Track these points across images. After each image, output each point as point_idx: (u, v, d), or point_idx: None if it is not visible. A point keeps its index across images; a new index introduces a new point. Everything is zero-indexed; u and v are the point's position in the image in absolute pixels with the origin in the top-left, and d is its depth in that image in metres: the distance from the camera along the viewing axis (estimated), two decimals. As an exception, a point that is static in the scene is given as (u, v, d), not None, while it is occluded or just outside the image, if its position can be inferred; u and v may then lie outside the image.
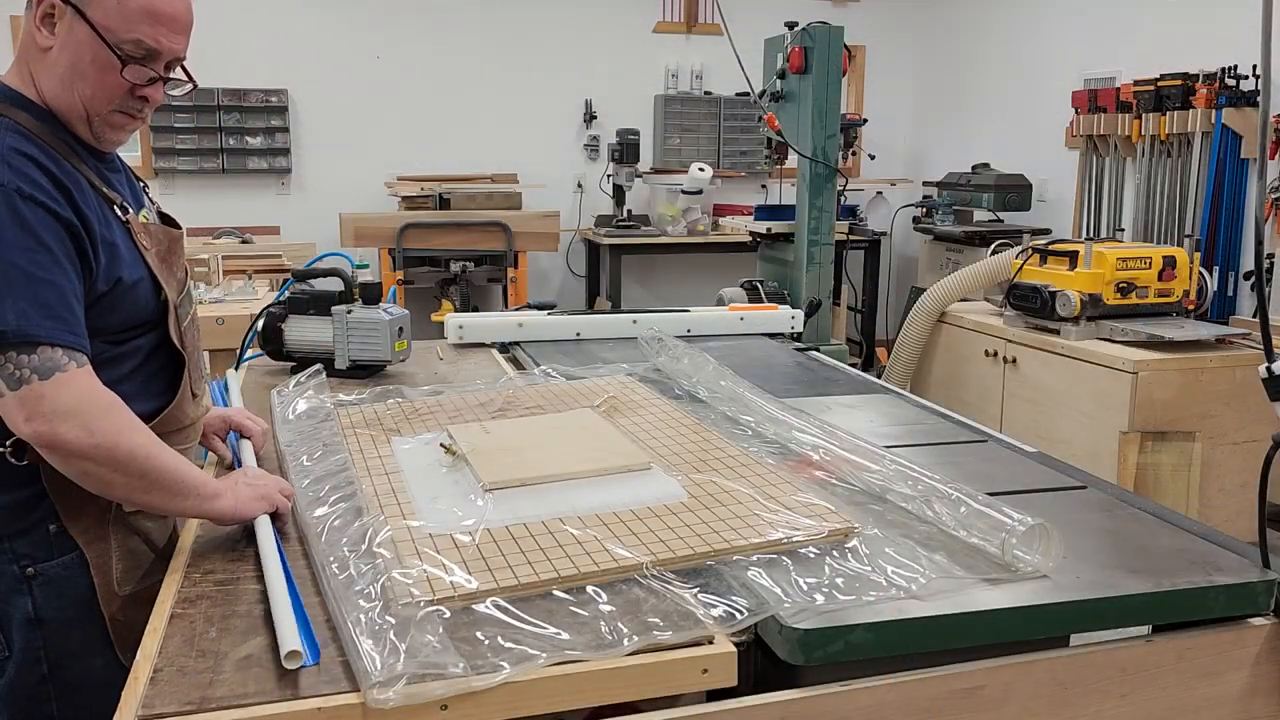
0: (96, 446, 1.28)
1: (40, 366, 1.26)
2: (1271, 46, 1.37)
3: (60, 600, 1.42)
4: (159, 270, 1.47)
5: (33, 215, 1.28)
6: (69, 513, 1.41)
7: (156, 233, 1.50)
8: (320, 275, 2.54)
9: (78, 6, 1.34)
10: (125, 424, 1.32)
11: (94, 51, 1.35)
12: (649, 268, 6.87)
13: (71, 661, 1.43)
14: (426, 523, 1.40)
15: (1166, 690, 1.29)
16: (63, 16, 1.35)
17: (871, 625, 1.18)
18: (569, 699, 1.10)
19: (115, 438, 1.29)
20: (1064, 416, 3.61)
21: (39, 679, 1.43)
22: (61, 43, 1.35)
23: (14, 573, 1.40)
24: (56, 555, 1.41)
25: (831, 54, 3.88)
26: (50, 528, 1.41)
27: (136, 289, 1.43)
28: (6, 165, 1.29)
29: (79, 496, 1.39)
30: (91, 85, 1.37)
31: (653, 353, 2.34)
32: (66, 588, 1.42)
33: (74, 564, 1.42)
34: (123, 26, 1.35)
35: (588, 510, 1.44)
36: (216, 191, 6.13)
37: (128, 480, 1.32)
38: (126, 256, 1.41)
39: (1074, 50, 5.72)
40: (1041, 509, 1.38)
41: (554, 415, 1.92)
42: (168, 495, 1.36)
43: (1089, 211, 5.54)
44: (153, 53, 1.38)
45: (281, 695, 1.05)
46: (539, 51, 6.51)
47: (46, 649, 1.42)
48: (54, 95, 1.38)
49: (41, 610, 1.41)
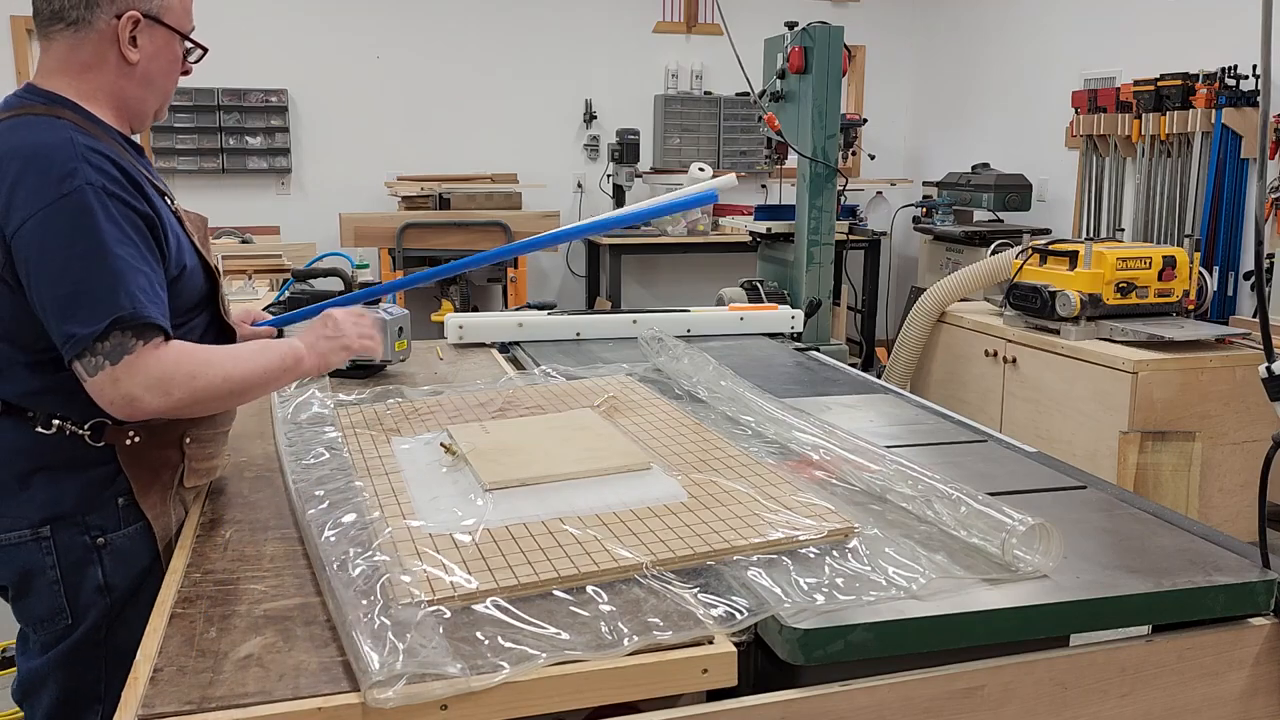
0: (179, 401, 1.40)
1: (124, 345, 1.36)
2: (1271, 46, 1.37)
3: (126, 569, 1.52)
4: (204, 253, 1.59)
5: (118, 210, 1.39)
6: (140, 488, 1.52)
7: (194, 219, 1.63)
8: (320, 275, 2.54)
9: (157, 17, 1.51)
10: (195, 368, 1.42)
11: (173, 49, 1.55)
12: (649, 268, 6.87)
13: (124, 628, 1.51)
14: (426, 523, 1.40)
15: (1166, 690, 1.29)
16: (143, 30, 1.50)
17: (871, 625, 1.18)
18: (569, 699, 1.10)
19: (191, 385, 1.40)
20: (1064, 416, 3.61)
21: (95, 643, 1.53)
22: (147, 53, 1.51)
23: (85, 543, 1.50)
24: (124, 525, 1.52)
25: (831, 54, 3.88)
26: (120, 500, 1.52)
27: (194, 274, 1.55)
28: (87, 164, 1.38)
29: (148, 474, 1.53)
30: (169, 79, 1.57)
31: (653, 353, 2.34)
32: (131, 556, 1.52)
33: (140, 534, 1.53)
34: (186, 21, 1.56)
35: (588, 510, 1.44)
36: (216, 191, 6.13)
37: (222, 403, 1.50)
38: (184, 243, 1.54)
39: (1074, 50, 5.72)
40: (1041, 509, 1.38)
41: (554, 415, 1.92)
42: (260, 389, 1.52)
43: (1089, 211, 5.54)
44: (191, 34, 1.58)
45: (281, 695, 1.05)
46: (539, 51, 6.50)
47: (106, 614, 1.52)
48: (138, 99, 1.54)
49: (111, 578, 1.51)
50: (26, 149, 1.38)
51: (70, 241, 1.35)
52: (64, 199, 1.35)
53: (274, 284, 4.22)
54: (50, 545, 1.48)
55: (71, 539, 1.49)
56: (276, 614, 1.22)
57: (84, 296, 1.34)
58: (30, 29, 5.76)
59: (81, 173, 1.37)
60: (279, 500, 1.61)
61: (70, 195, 1.35)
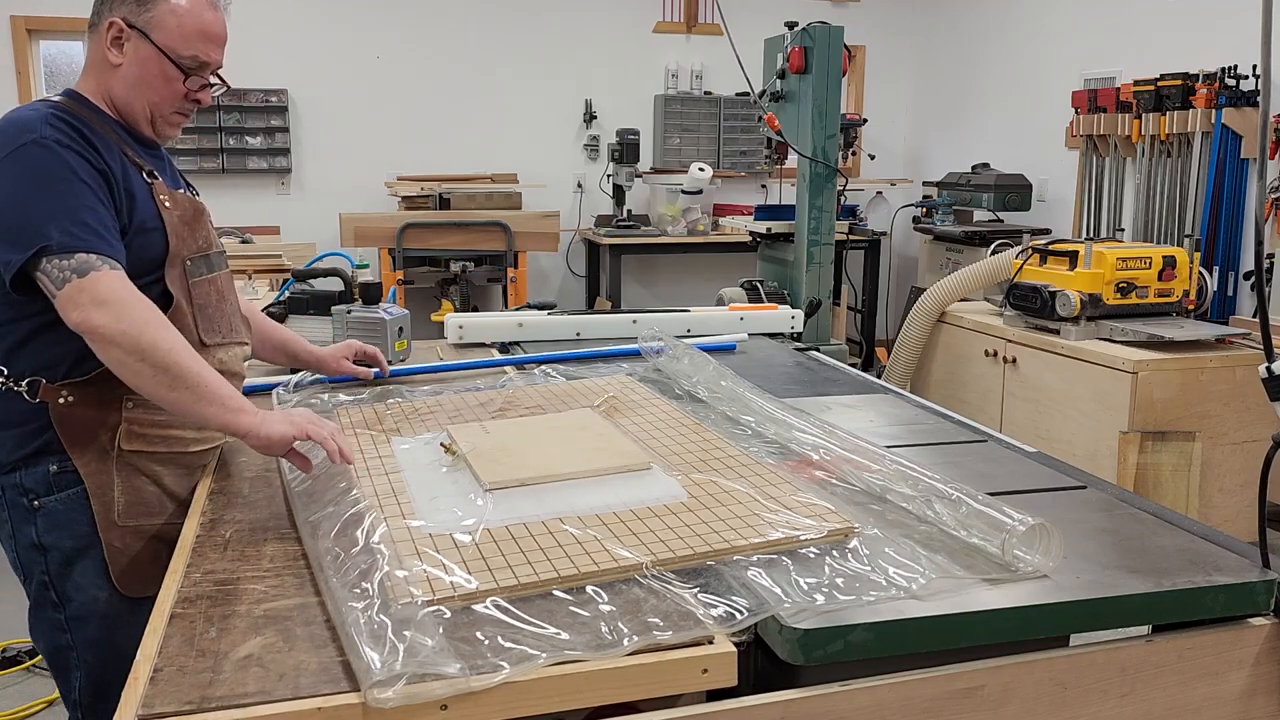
0: (123, 333, 1.46)
1: (78, 268, 1.47)
2: (1271, 46, 1.37)
3: (60, 532, 1.61)
4: (175, 228, 1.66)
5: (71, 159, 1.52)
6: (74, 448, 1.59)
7: (181, 199, 1.70)
8: (320, 275, 2.55)
9: (144, 31, 1.62)
10: (151, 318, 1.50)
11: (160, 67, 1.64)
12: (649, 268, 6.87)
13: (77, 593, 1.63)
14: (426, 522, 1.40)
15: (1166, 690, 1.29)
16: (130, 39, 1.63)
17: (871, 625, 1.18)
18: (569, 699, 1.10)
19: (141, 327, 1.47)
20: (1064, 416, 3.61)
21: (52, 605, 1.63)
22: (130, 60, 1.64)
23: (24, 505, 1.61)
24: (56, 491, 1.60)
25: (831, 54, 3.88)
26: (51, 467, 1.60)
27: (149, 235, 1.62)
28: (47, 124, 1.54)
29: (82, 434, 1.59)
30: (158, 93, 1.66)
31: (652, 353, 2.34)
32: (65, 521, 1.60)
33: (74, 499, 1.61)
34: (182, 46, 1.65)
35: (588, 510, 1.44)
36: (216, 191, 6.12)
37: (154, 373, 1.48)
38: (144, 207, 1.62)
39: (1074, 50, 5.72)
40: (1041, 509, 1.38)
41: (554, 415, 1.92)
42: (192, 396, 1.51)
43: (1089, 211, 5.54)
44: (204, 65, 1.68)
45: (281, 695, 1.05)
46: (539, 51, 6.51)
47: (50, 575, 1.62)
48: (124, 101, 1.66)
49: (44, 538, 1.61)
50: (4, 121, 1.57)
51: (17, 178, 1.50)
52: (19, 149, 1.51)
53: (274, 284, 4.22)
54: (1, 500, 1.62)
55: (14, 498, 1.61)
56: (276, 614, 1.22)
57: (26, 225, 1.47)
58: (31, 29, 5.77)
59: (39, 130, 1.52)
60: (279, 500, 1.61)
61: (25, 145, 1.51)
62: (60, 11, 5.65)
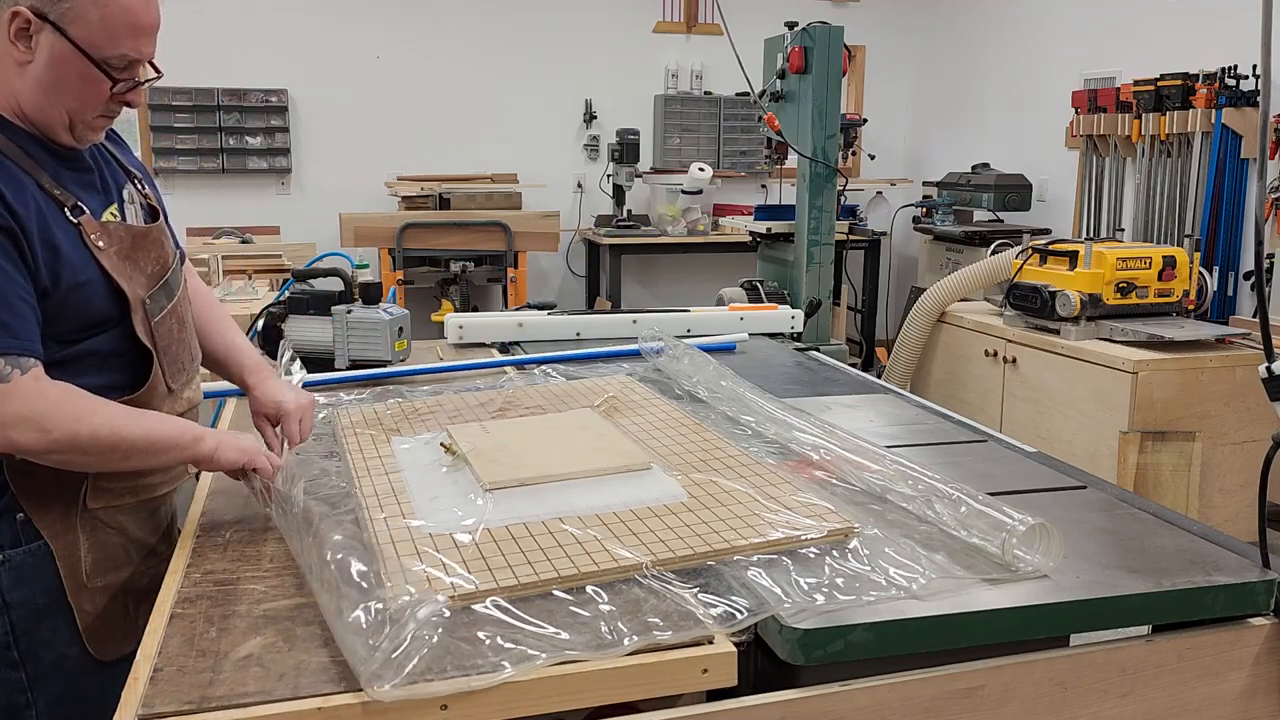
0: (57, 442, 1.30)
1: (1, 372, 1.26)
2: (1271, 46, 1.37)
3: (27, 587, 1.42)
4: (116, 269, 1.43)
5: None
6: (33, 507, 1.41)
7: (116, 230, 1.46)
8: (320, 275, 2.54)
9: (58, 25, 1.32)
10: (80, 411, 1.32)
11: (79, 68, 1.35)
12: (649, 268, 6.87)
13: (44, 650, 1.43)
14: (426, 522, 1.40)
15: (1166, 690, 1.29)
16: (39, 32, 1.33)
17: (871, 625, 1.18)
18: (569, 699, 1.10)
19: (73, 427, 1.31)
20: (1064, 416, 3.61)
21: (10, 664, 1.42)
22: (42, 59, 1.34)
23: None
24: (24, 543, 1.41)
25: (831, 54, 3.88)
26: (19, 515, 1.41)
27: (85, 289, 1.39)
28: None
29: (42, 491, 1.41)
30: (77, 98, 1.37)
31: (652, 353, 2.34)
32: (33, 575, 1.42)
33: (41, 553, 1.42)
34: (108, 43, 1.35)
35: (588, 510, 1.44)
36: (216, 191, 6.13)
37: (102, 458, 1.36)
38: (73, 257, 1.38)
39: (1074, 50, 5.72)
40: (1041, 509, 1.37)
41: (554, 415, 1.92)
42: (147, 457, 1.40)
43: (1089, 211, 5.54)
44: (134, 63, 1.40)
45: (281, 695, 1.05)
46: (539, 51, 6.51)
47: (15, 634, 1.41)
48: (34, 105, 1.37)
49: (10, 594, 1.40)
50: None
51: None
52: None
53: (274, 284, 4.23)
54: None
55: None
56: (276, 614, 1.22)
57: None
58: None
59: None
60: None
61: None
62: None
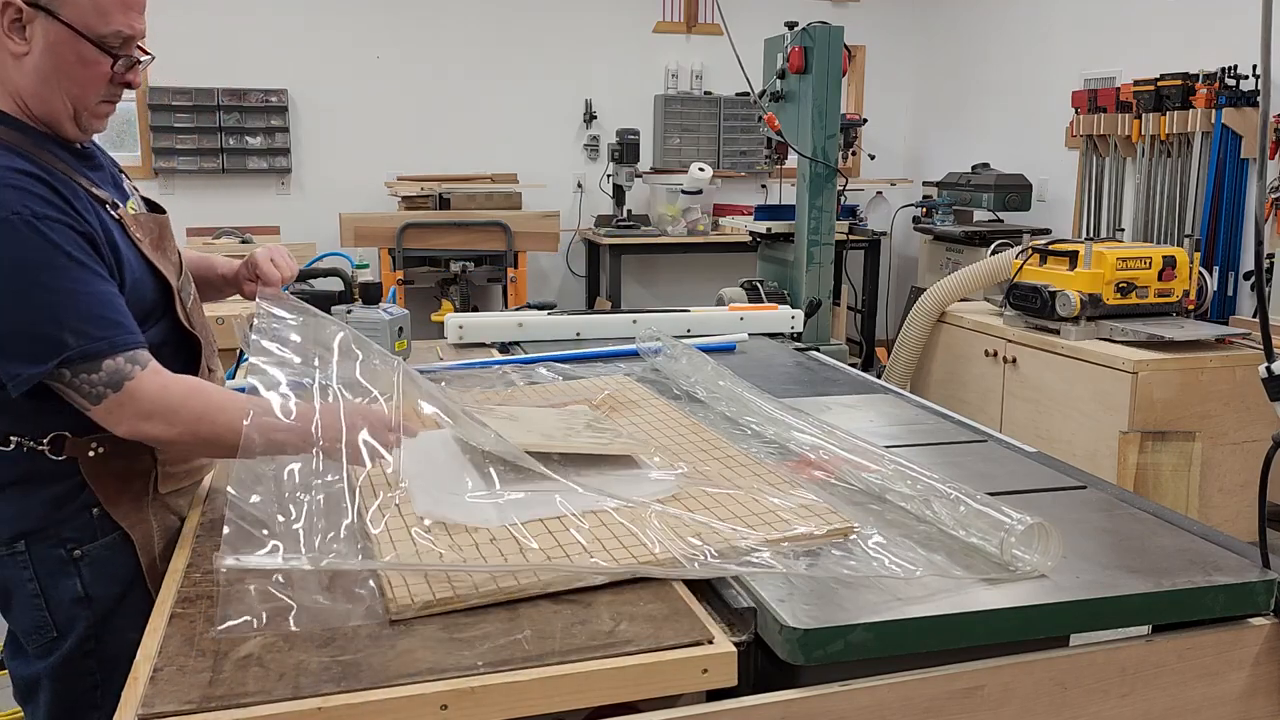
0: (180, 434, 1.38)
1: (109, 379, 1.33)
2: (1271, 46, 1.37)
3: (106, 579, 1.48)
4: (155, 259, 1.49)
5: (54, 233, 1.31)
6: (109, 499, 1.47)
7: (146, 222, 1.51)
8: (320, 275, 2.54)
9: (49, 9, 1.33)
10: (204, 409, 1.39)
11: (77, 50, 1.36)
12: (649, 268, 6.87)
13: (114, 636, 1.49)
14: (426, 523, 1.40)
15: (1166, 690, 1.29)
16: (32, 20, 1.34)
17: (871, 625, 1.18)
18: (569, 699, 1.10)
19: (195, 426, 1.38)
20: (1064, 416, 3.61)
21: (85, 654, 1.49)
22: (38, 47, 1.35)
23: (60, 555, 1.46)
24: (100, 536, 1.48)
25: (831, 54, 3.88)
26: (93, 511, 1.47)
27: (141, 285, 1.46)
28: (12, 189, 1.29)
29: (116, 485, 1.47)
30: (79, 82, 1.38)
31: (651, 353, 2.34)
32: (111, 567, 1.48)
33: (117, 544, 1.49)
34: (101, 21, 1.36)
35: (587, 510, 1.44)
36: (216, 191, 6.13)
37: (228, 452, 1.36)
38: (127, 254, 1.44)
39: (1074, 50, 5.72)
40: (1041, 509, 1.37)
41: (553, 409, 1.92)
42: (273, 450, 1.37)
43: (1089, 211, 5.55)
44: (129, 40, 1.40)
45: (281, 695, 1.05)
46: (539, 51, 6.51)
47: (93, 625, 1.48)
48: (36, 98, 1.38)
49: (91, 589, 1.47)
50: None
51: (7, 276, 1.28)
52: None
53: (274, 284, 4.21)
54: (26, 559, 1.45)
55: (47, 552, 1.45)
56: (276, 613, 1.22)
57: (35, 331, 1.29)
58: None
59: (8, 201, 1.28)
60: (279, 500, 1.60)
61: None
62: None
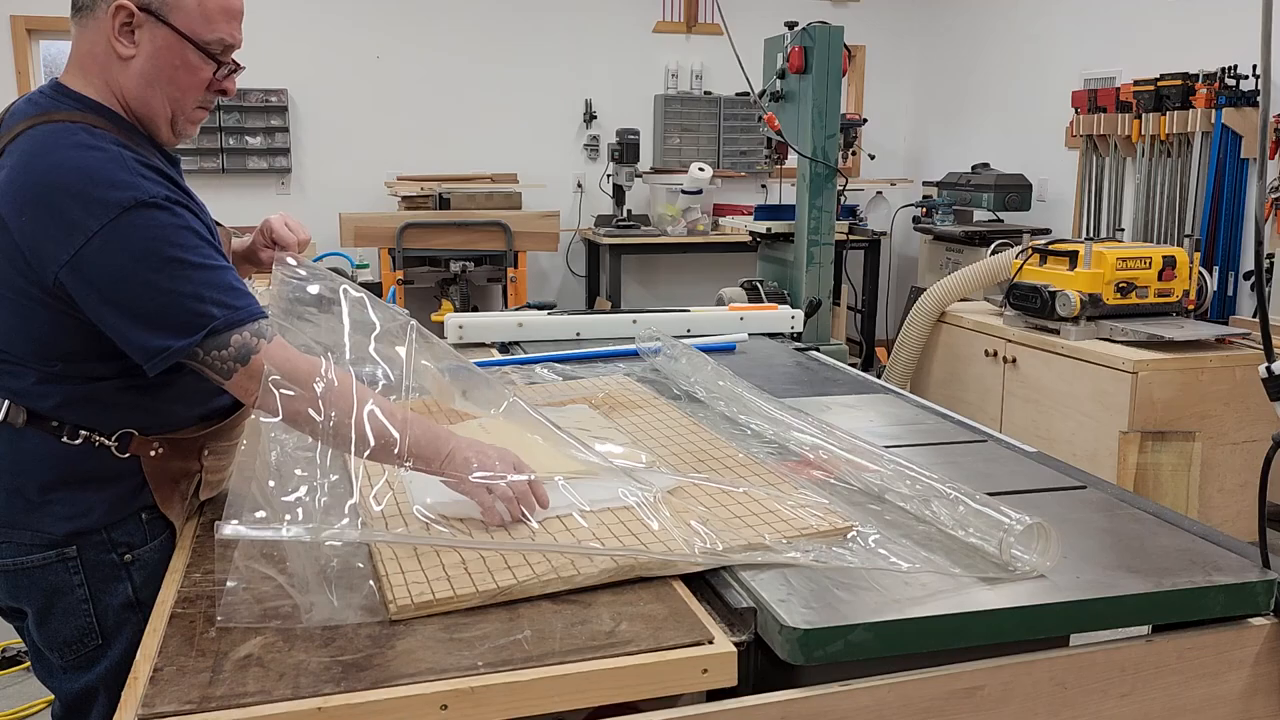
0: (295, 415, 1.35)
1: (238, 354, 1.35)
2: (1271, 46, 1.37)
3: (155, 584, 1.46)
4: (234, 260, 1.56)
5: (183, 216, 1.36)
6: (164, 498, 1.49)
7: (221, 229, 1.59)
8: (320, 275, 2.54)
9: (159, 15, 1.39)
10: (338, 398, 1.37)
11: (181, 55, 1.42)
12: (649, 268, 6.87)
13: None
14: (425, 523, 1.40)
15: (1166, 690, 1.29)
16: (142, 25, 1.39)
17: (871, 625, 1.18)
18: (569, 699, 1.10)
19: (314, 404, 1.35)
20: (1064, 416, 3.61)
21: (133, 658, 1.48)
22: (145, 50, 1.40)
23: (112, 560, 1.47)
24: (150, 539, 1.49)
25: (831, 54, 3.88)
26: (144, 514, 1.49)
27: None
28: (142, 178, 1.34)
29: (171, 484, 1.50)
30: (180, 87, 1.44)
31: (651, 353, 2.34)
32: (159, 571, 1.47)
33: (164, 546, 1.51)
34: (206, 28, 1.42)
35: (586, 510, 1.44)
36: (216, 191, 6.12)
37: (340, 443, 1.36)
38: (222, 250, 1.48)
39: (1074, 50, 5.72)
40: (1041, 509, 1.38)
41: (552, 410, 1.92)
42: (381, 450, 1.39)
43: (1089, 211, 5.54)
44: (230, 48, 1.46)
45: (281, 695, 1.05)
46: (539, 51, 6.50)
47: (139, 628, 1.45)
48: (139, 99, 1.43)
49: (140, 592, 1.47)
50: (75, 173, 1.32)
51: (144, 252, 1.31)
52: (127, 214, 1.30)
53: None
54: (77, 564, 1.45)
55: (98, 556, 1.46)
56: (276, 613, 1.22)
57: (180, 305, 1.32)
58: (30, 29, 5.76)
59: (139, 186, 1.32)
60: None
61: (133, 210, 1.31)
62: (60, 11, 5.64)
